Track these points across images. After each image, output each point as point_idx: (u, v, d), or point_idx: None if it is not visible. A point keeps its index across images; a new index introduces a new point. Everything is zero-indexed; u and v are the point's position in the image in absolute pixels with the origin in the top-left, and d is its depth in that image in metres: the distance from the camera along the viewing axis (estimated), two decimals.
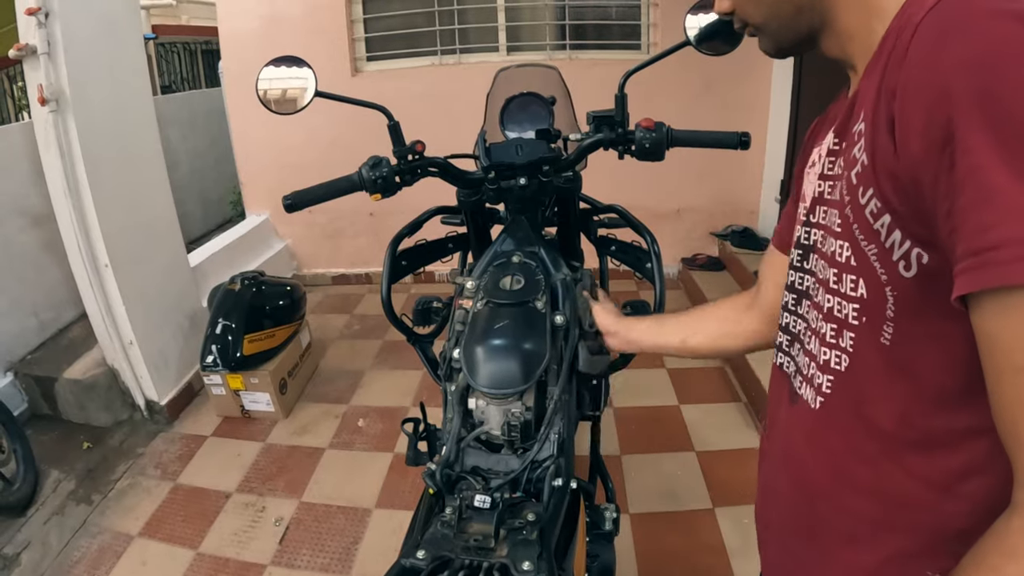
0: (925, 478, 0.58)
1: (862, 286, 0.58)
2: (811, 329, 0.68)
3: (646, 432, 2.47)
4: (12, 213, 2.69)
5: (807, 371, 0.68)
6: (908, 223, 0.52)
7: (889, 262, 0.54)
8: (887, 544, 0.62)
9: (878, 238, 0.54)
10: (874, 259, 0.56)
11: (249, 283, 2.68)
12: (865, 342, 0.59)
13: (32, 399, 2.68)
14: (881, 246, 0.54)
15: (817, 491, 0.68)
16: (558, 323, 1.12)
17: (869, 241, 0.55)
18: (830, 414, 0.65)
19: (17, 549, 2.01)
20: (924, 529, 0.60)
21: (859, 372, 0.61)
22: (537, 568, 0.83)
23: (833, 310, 0.62)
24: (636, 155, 1.24)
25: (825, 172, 0.66)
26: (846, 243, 0.59)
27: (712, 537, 1.93)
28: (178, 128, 4.98)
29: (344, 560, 1.94)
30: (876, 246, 0.55)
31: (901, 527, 0.61)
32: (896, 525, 0.61)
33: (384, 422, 2.62)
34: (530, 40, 3.74)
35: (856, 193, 0.56)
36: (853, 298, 0.59)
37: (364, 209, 3.79)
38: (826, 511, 0.68)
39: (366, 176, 1.18)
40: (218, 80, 4.39)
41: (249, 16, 3.60)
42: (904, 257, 0.53)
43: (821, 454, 0.67)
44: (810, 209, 0.69)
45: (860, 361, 0.60)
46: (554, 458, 1.01)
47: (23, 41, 2.12)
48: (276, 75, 1.22)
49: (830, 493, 0.66)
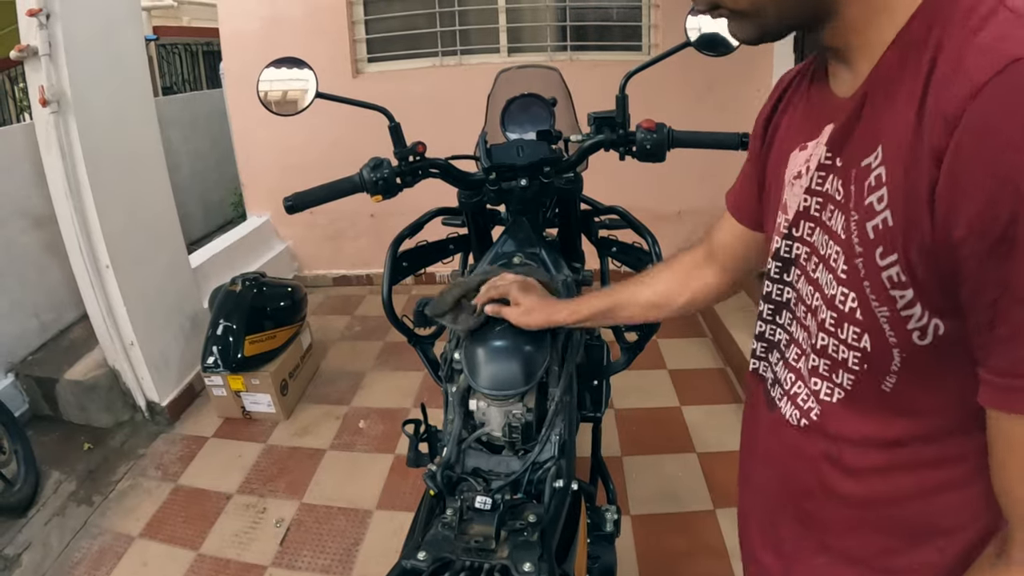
0: (912, 491, 0.60)
1: (867, 340, 0.55)
2: (799, 349, 0.66)
3: (647, 433, 2.46)
4: (14, 214, 2.69)
5: (788, 386, 0.68)
6: (932, 297, 0.49)
7: (903, 330, 0.52)
8: (873, 540, 0.64)
9: (893, 305, 0.52)
10: (884, 322, 0.53)
11: (250, 284, 2.68)
12: (865, 384, 0.58)
13: (33, 400, 2.68)
14: (895, 313, 0.52)
15: (802, 492, 0.69)
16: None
17: (882, 304, 0.53)
18: (817, 436, 0.65)
19: (18, 550, 2.01)
20: (908, 529, 0.62)
21: (853, 406, 0.61)
22: (538, 569, 0.83)
23: (828, 348, 0.60)
24: (637, 156, 1.25)
25: (813, 187, 0.61)
26: (852, 294, 0.55)
27: (713, 538, 1.93)
28: (179, 129, 4.98)
29: (345, 561, 1.94)
30: (889, 311, 0.52)
31: (886, 528, 0.63)
32: (881, 526, 0.63)
33: (385, 423, 2.61)
34: (531, 41, 3.74)
35: (873, 251, 0.52)
36: (855, 348, 0.57)
37: (365, 210, 3.78)
38: (812, 508, 0.69)
39: (367, 177, 1.18)
40: (219, 81, 4.40)
41: (250, 17, 3.61)
42: (920, 328, 0.51)
43: (805, 464, 0.67)
44: (793, 222, 0.65)
45: (855, 399, 0.60)
46: (555, 459, 1.01)
47: (24, 42, 2.12)
48: (277, 76, 1.22)
49: (816, 495, 0.67)
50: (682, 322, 3.33)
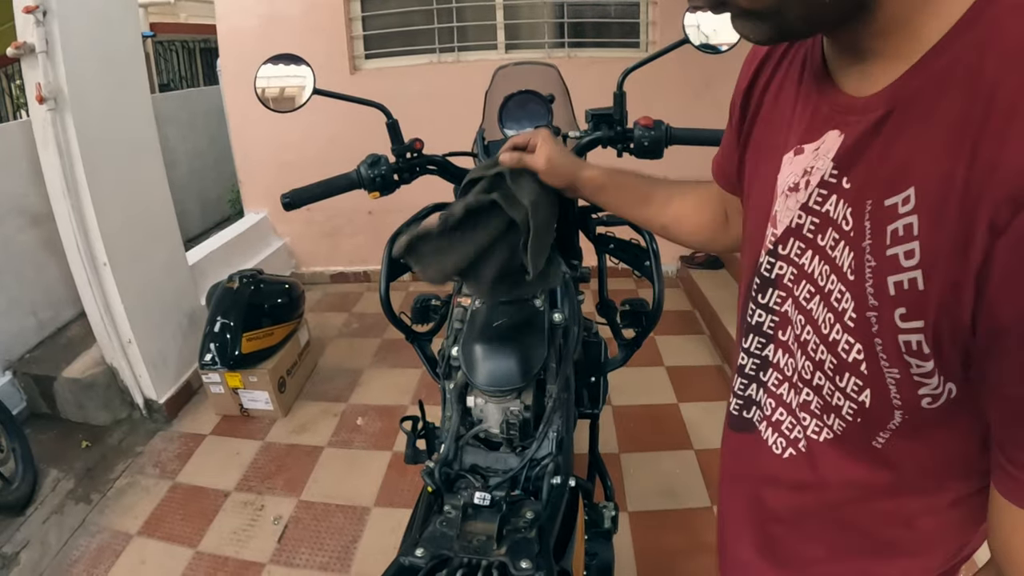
0: (891, 518, 0.59)
1: (867, 395, 0.50)
2: (780, 375, 0.63)
3: (645, 430, 2.47)
4: (11, 212, 2.68)
5: (768, 411, 0.65)
6: (953, 367, 0.44)
7: (912, 395, 0.47)
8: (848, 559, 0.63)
9: (907, 370, 0.46)
10: (892, 384, 0.48)
11: (247, 281, 2.68)
12: (855, 436, 0.55)
13: (31, 398, 2.68)
14: (907, 377, 0.47)
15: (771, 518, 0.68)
16: (556, 321, 1.13)
17: (892, 365, 0.47)
18: (801, 467, 0.62)
19: (16, 548, 2.01)
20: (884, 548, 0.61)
21: (841, 448, 0.57)
22: (536, 566, 0.83)
23: (823, 390, 0.55)
24: (635, 153, 1.25)
25: (811, 205, 0.54)
26: (859, 345, 0.49)
27: (711, 535, 1.91)
28: (176, 126, 4.97)
29: (343, 558, 1.94)
30: (900, 373, 0.47)
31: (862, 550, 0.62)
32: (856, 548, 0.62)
33: (383, 420, 2.62)
34: (529, 38, 3.73)
35: (892, 311, 0.45)
36: (852, 399, 0.52)
37: (363, 207, 3.78)
38: (779, 532, 0.67)
39: (364, 174, 1.18)
40: (216, 78, 4.38)
41: (248, 14, 3.60)
42: (932, 395, 0.46)
43: (783, 493, 0.65)
44: (781, 239, 0.58)
45: (843, 443, 0.57)
46: (553, 456, 1.01)
47: (21, 39, 2.11)
48: (274, 73, 1.22)
49: (786, 521, 0.66)
50: (680, 319, 3.34)
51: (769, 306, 0.62)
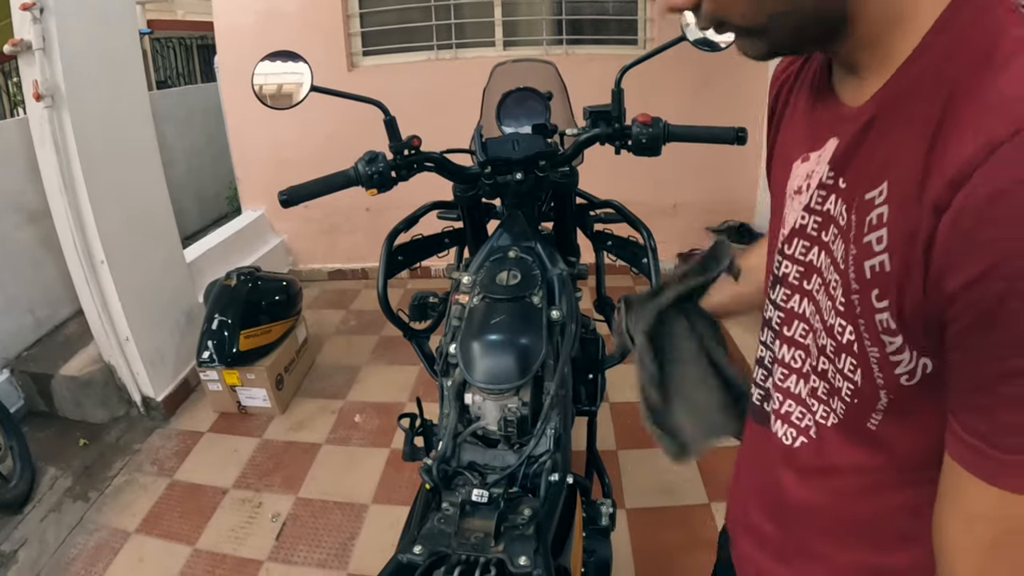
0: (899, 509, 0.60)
1: (859, 375, 0.55)
2: (786, 369, 0.66)
3: (642, 427, 2.46)
4: (8, 210, 2.67)
5: (777, 405, 0.68)
6: (919, 340, 0.48)
7: (891, 373, 0.51)
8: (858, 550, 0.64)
9: (883, 349, 0.51)
10: (874, 363, 0.52)
11: (245, 279, 2.67)
12: (853, 417, 0.58)
13: (28, 396, 2.67)
14: (884, 356, 0.51)
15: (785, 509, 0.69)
16: (554, 318, 1.13)
17: (873, 344, 0.51)
18: (811, 455, 0.64)
19: (14, 546, 2.01)
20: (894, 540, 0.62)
21: (844, 432, 0.60)
22: (533, 563, 0.83)
23: (828, 373, 0.59)
24: (633, 150, 1.25)
25: (813, 206, 0.58)
26: (849, 327, 0.53)
27: (708, 532, 1.94)
28: (174, 124, 4.95)
29: (341, 556, 1.94)
30: (879, 352, 0.51)
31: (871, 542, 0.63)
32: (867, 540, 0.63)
33: (381, 418, 2.62)
34: (526, 35, 3.73)
35: (869, 292, 0.50)
36: (849, 379, 0.56)
37: (360, 204, 3.78)
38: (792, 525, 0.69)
39: (362, 171, 1.18)
40: (214, 75, 4.37)
41: (245, 11, 3.59)
42: (908, 372, 0.50)
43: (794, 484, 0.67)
44: (787, 239, 0.63)
45: (846, 427, 0.59)
46: (550, 453, 1.01)
47: (18, 36, 2.11)
48: (272, 70, 1.21)
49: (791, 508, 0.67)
50: None
51: (776, 303, 0.66)
